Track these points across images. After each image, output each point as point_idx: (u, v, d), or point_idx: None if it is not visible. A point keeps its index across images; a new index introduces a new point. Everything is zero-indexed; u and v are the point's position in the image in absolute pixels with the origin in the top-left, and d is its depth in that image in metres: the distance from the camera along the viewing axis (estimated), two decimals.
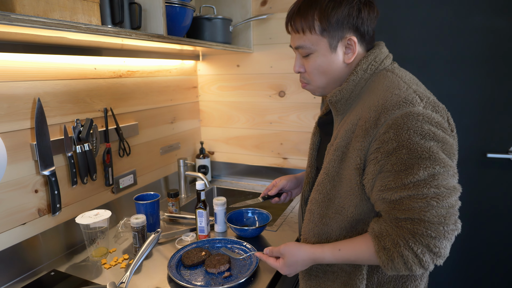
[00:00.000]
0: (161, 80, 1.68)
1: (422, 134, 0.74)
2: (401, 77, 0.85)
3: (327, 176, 0.88)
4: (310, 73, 0.91)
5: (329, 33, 0.85)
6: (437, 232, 0.73)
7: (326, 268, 0.94)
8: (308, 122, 1.75)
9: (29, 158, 1.12)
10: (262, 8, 1.72)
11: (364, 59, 0.88)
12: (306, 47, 0.88)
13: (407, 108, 0.76)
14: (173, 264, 1.13)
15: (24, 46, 1.07)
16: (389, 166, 0.76)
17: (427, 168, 0.73)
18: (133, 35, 1.03)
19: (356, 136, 0.82)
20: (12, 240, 1.09)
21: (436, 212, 0.73)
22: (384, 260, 0.77)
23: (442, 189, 0.73)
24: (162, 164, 1.74)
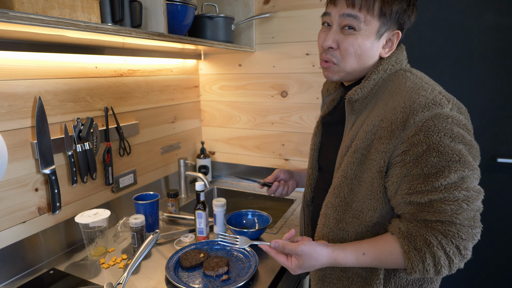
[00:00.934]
0: (162, 79, 1.67)
1: (452, 136, 0.74)
2: (421, 78, 0.84)
3: (345, 179, 0.85)
4: (346, 50, 0.84)
5: (384, 19, 0.81)
6: (467, 234, 0.74)
7: (340, 274, 0.91)
8: (310, 123, 1.73)
9: (29, 157, 1.12)
10: (265, 7, 1.70)
11: (387, 59, 0.87)
12: (357, 19, 0.81)
13: (436, 110, 0.75)
14: (171, 265, 1.13)
15: (25, 44, 1.06)
16: (419, 170, 0.75)
17: (458, 171, 0.73)
18: (133, 33, 1.02)
19: (380, 138, 0.80)
20: (12, 238, 1.09)
21: (467, 215, 0.74)
22: (414, 261, 0.76)
23: (472, 192, 0.74)
24: (163, 163, 1.73)
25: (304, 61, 1.68)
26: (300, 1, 1.63)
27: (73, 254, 1.24)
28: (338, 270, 0.91)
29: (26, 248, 1.13)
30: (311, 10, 1.62)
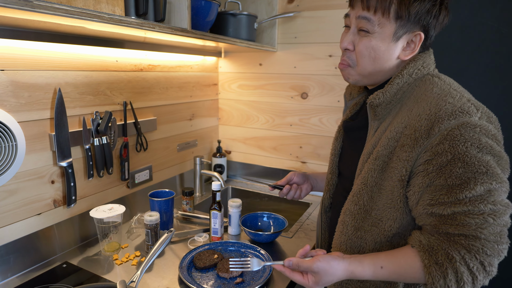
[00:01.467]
0: (182, 76, 1.66)
1: (479, 147, 0.70)
2: (450, 84, 0.80)
3: (365, 186, 0.83)
4: (360, 53, 0.83)
5: (401, 22, 0.78)
6: (493, 250, 0.70)
7: (358, 284, 0.88)
8: (330, 126, 1.69)
9: (47, 149, 1.11)
10: (289, 6, 1.67)
11: (413, 62, 0.82)
12: (371, 21, 0.79)
13: (463, 119, 0.71)
14: (184, 265, 1.10)
15: (47, 34, 1.05)
16: (442, 180, 0.72)
17: (484, 183, 0.69)
18: (156, 27, 1.00)
19: (402, 145, 0.77)
20: (27, 230, 1.09)
21: (493, 230, 0.70)
22: (435, 276, 0.72)
23: (499, 206, 0.70)
24: (179, 161, 1.71)
25: (327, 63, 1.64)
26: (325, 1, 1.59)
27: (87, 248, 1.23)
28: (356, 281, 0.88)
29: (40, 240, 1.12)
30: (336, 10, 1.57)
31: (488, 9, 1.43)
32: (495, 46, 1.45)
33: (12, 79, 1.01)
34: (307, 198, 1.72)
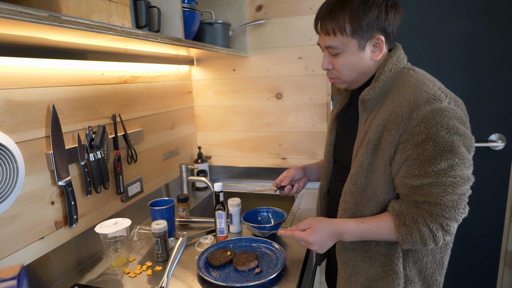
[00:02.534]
0: (161, 86, 1.67)
1: (447, 128, 0.83)
2: (423, 75, 0.94)
3: (361, 168, 0.95)
4: (339, 70, 0.98)
5: (359, 35, 0.91)
6: (450, 213, 0.85)
7: (363, 255, 1.00)
8: (305, 122, 1.82)
9: (45, 169, 1.07)
10: (257, 14, 1.77)
11: (389, 59, 0.95)
12: (336, 48, 0.94)
13: (436, 104, 0.85)
14: (202, 266, 1.13)
15: (37, 50, 1.02)
16: (415, 156, 0.86)
17: (448, 159, 0.83)
18: (158, 38, 1.03)
19: (388, 129, 0.89)
20: (33, 256, 1.03)
21: (451, 198, 0.84)
22: (404, 234, 0.88)
23: (458, 179, 0.84)
24: (165, 170, 1.71)
25: (298, 65, 1.77)
26: (291, 9, 1.71)
27: (93, 267, 1.19)
28: (361, 251, 1.00)
29: (46, 265, 1.07)
30: (302, 17, 1.71)
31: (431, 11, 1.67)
32: (437, 42, 1.69)
33: (7, 98, 0.96)
34: None
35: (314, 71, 1.76)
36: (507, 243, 1.76)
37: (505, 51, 1.61)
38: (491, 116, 1.68)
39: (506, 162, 1.69)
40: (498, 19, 1.59)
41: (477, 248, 1.82)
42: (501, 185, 1.71)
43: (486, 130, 1.69)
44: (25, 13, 0.63)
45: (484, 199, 1.75)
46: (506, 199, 1.72)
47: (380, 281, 0.98)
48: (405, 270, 0.97)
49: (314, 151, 1.85)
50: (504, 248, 1.77)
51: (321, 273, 1.95)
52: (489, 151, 1.70)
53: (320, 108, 1.79)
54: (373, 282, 0.99)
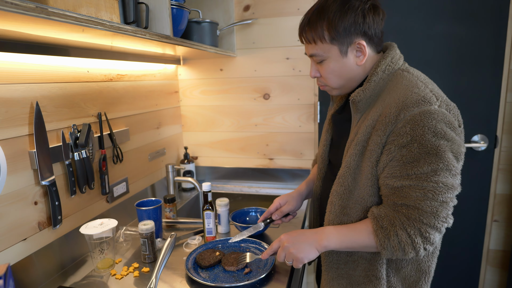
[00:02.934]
0: (147, 85, 1.64)
1: (434, 132, 0.81)
2: (417, 77, 0.91)
3: (349, 169, 0.93)
4: (325, 77, 0.98)
5: (338, 41, 0.90)
6: (428, 220, 0.82)
7: (346, 258, 0.99)
8: (293, 122, 1.82)
9: (27, 168, 1.04)
10: (244, 14, 1.77)
11: (383, 60, 0.94)
12: (318, 55, 0.94)
13: (425, 107, 0.83)
14: (190, 266, 1.12)
15: (20, 45, 0.99)
16: (399, 157, 0.84)
17: (431, 163, 0.81)
18: (147, 35, 1.02)
19: (376, 130, 0.88)
20: (15, 258, 1.00)
21: (430, 203, 0.82)
22: (381, 238, 0.86)
23: (440, 185, 0.82)
24: (151, 170, 1.68)
25: (285, 65, 1.77)
26: (279, 9, 1.72)
27: (78, 269, 1.16)
28: (344, 255, 0.99)
29: (30, 267, 1.04)
30: (289, 17, 1.72)
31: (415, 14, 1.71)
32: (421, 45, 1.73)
33: None
34: (279, 192, 1.83)
35: (301, 72, 1.77)
36: (489, 242, 1.81)
37: (487, 54, 1.66)
38: (474, 117, 1.73)
39: (488, 163, 1.74)
40: (480, 23, 1.64)
41: (460, 247, 1.86)
42: (483, 185, 1.76)
43: (469, 131, 1.74)
44: (11, 3, 0.61)
45: (467, 199, 1.80)
46: (488, 199, 1.77)
47: (362, 285, 0.96)
48: (388, 277, 0.95)
49: (301, 151, 1.86)
50: (486, 246, 1.82)
51: (308, 274, 1.96)
52: (472, 152, 1.75)
53: (308, 109, 1.81)
54: (355, 286, 0.98)
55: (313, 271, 1.94)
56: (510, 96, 1.66)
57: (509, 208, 1.75)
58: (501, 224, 1.77)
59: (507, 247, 1.79)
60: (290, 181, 1.90)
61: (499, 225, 1.78)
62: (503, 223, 1.77)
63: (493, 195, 1.76)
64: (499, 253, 1.81)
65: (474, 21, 1.64)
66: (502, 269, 1.82)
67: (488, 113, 1.71)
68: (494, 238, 1.80)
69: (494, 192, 1.75)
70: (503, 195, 1.74)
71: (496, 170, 1.73)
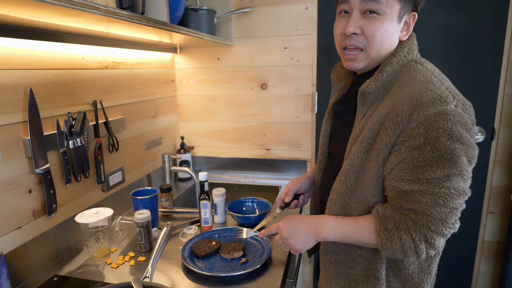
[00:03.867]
0: (143, 73, 1.62)
1: (450, 135, 0.76)
2: (432, 72, 0.85)
3: (352, 167, 0.88)
4: (371, 36, 0.84)
5: (404, 1, 0.83)
6: (436, 226, 0.79)
7: (345, 257, 0.96)
8: (290, 113, 1.81)
9: (22, 155, 1.02)
10: (243, 2, 1.74)
11: (400, 50, 0.87)
12: (380, 3, 0.81)
13: (441, 107, 0.77)
14: (186, 256, 1.12)
15: (13, 29, 0.96)
16: (410, 159, 0.79)
17: (445, 168, 0.77)
18: (143, 21, 1.00)
19: (385, 128, 0.82)
20: (9, 246, 0.99)
21: (440, 210, 0.78)
22: (384, 239, 0.82)
23: (452, 191, 0.77)
24: (147, 160, 1.67)
25: (283, 55, 1.75)
26: None
27: (73, 258, 1.15)
28: (343, 253, 0.96)
29: (24, 256, 1.03)
30: (289, 6, 1.69)
31: None
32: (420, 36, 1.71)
33: None
34: (276, 182, 1.83)
35: (299, 62, 1.75)
36: (484, 234, 1.82)
37: (487, 45, 1.64)
38: None
39: (485, 155, 1.74)
40: (480, 13, 1.62)
41: (455, 238, 1.87)
42: (480, 177, 1.77)
43: None
44: None
45: None
46: (484, 191, 1.77)
47: (360, 285, 0.93)
48: (387, 277, 0.92)
49: (298, 142, 1.85)
50: (481, 238, 1.83)
51: (304, 264, 1.97)
52: None
53: (305, 99, 1.79)
54: (353, 285, 0.95)
55: (309, 262, 1.95)
56: (508, 88, 1.65)
57: (504, 200, 1.76)
58: (496, 216, 1.79)
59: (502, 238, 1.80)
60: (286, 171, 1.89)
61: (494, 217, 1.79)
62: (498, 215, 1.78)
63: (489, 187, 1.76)
64: (494, 244, 1.82)
65: (475, 11, 1.63)
66: (496, 261, 1.84)
67: (487, 105, 1.71)
68: (489, 229, 1.81)
69: (490, 184, 1.76)
70: (499, 187, 1.75)
71: (493, 162, 1.74)
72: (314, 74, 1.75)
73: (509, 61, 1.63)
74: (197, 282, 1.01)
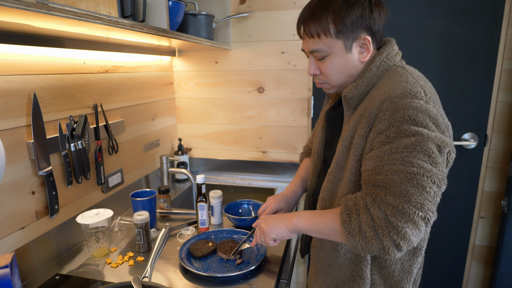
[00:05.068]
0: (143, 76, 1.65)
1: (415, 120, 0.78)
2: (410, 73, 0.89)
3: (337, 165, 0.94)
4: (326, 74, 0.95)
5: (344, 35, 0.88)
6: (395, 201, 0.75)
7: (331, 261, 0.99)
8: (286, 116, 1.85)
9: (25, 158, 1.06)
10: (241, 6, 1.77)
11: (378, 56, 0.91)
12: (321, 51, 0.91)
13: (410, 99, 0.80)
14: (184, 256, 1.15)
15: (18, 37, 1.00)
16: (376, 143, 0.82)
17: (408, 146, 0.77)
18: (144, 29, 1.03)
19: (361, 123, 0.87)
20: (12, 246, 1.02)
21: (400, 186, 0.76)
22: (344, 216, 0.81)
23: (415, 166, 0.75)
24: (145, 161, 1.70)
25: (280, 59, 1.79)
26: (275, 3, 1.73)
27: (74, 257, 1.19)
28: (330, 258, 0.99)
29: (26, 255, 1.06)
30: (286, 11, 1.73)
31: (409, 12, 1.73)
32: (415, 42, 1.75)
33: None
34: (272, 184, 1.86)
35: (296, 66, 1.79)
36: (475, 238, 1.87)
37: (480, 53, 1.68)
38: (464, 116, 1.76)
39: (477, 160, 1.78)
40: (475, 21, 1.66)
41: (446, 241, 1.92)
42: (472, 182, 1.81)
43: (460, 129, 1.78)
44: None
45: (455, 195, 1.84)
46: (476, 196, 1.82)
47: (346, 284, 0.97)
48: (372, 275, 0.95)
49: (294, 145, 1.89)
50: (472, 242, 1.87)
51: (298, 265, 2.01)
52: (462, 149, 1.79)
53: (301, 103, 1.83)
54: (339, 285, 0.99)
55: (302, 263, 1.99)
56: (501, 95, 1.69)
57: (495, 205, 1.80)
58: (487, 221, 1.83)
59: (492, 243, 1.85)
60: (282, 174, 1.93)
61: (485, 221, 1.83)
62: (489, 219, 1.83)
63: (480, 192, 1.81)
64: (484, 248, 1.87)
65: (469, 20, 1.66)
66: (486, 264, 1.89)
67: (479, 112, 1.75)
68: (480, 234, 1.86)
69: (482, 189, 1.80)
70: (491, 193, 1.79)
71: (485, 168, 1.78)
72: (311, 78, 1.78)
73: (502, 69, 1.67)
74: (194, 282, 1.05)
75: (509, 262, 1.73)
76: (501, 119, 1.72)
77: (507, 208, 1.65)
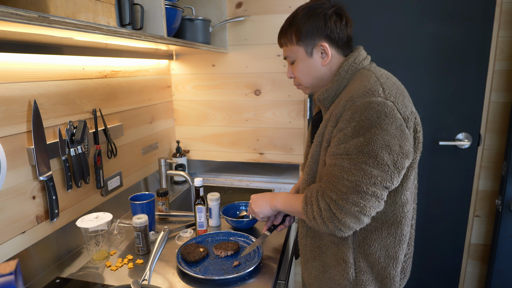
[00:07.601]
0: (141, 80, 1.67)
1: (370, 120, 0.86)
2: (374, 73, 0.98)
3: (312, 159, 1.04)
4: (297, 76, 1.09)
5: (303, 42, 1.02)
6: (337, 196, 0.88)
7: (318, 242, 1.07)
8: (283, 118, 1.87)
9: (26, 164, 1.08)
10: (237, 10, 1.79)
11: (345, 61, 1.01)
12: (289, 56, 1.07)
13: (368, 98, 0.89)
14: (181, 259, 1.17)
15: (19, 45, 1.02)
16: (336, 140, 0.92)
17: (358, 146, 0.87)
18: (142, 37, 1.05)
19: (330, 121, 0.97)
20: (14, 250, 1.04)
21: (343, 182, 0.88)
22: (304, 206, 0.97)
23: (357, 169, 0.86)
24: (144, 164, 1.73)
25: (276, 62, 1.81)
26: (271, 7, 1.75)
27: (74, 260, 1.21)
28: (316, 239, 1.08)
29: (27, 259, 1.08)
30: (282, 15, 1.75)
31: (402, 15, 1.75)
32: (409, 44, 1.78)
33: None
34: (269, 185, 1.89)
35: None
36: (470, 236, 1.89)
37: (472, 54, 1.71)
38: (458, 116, 1.79)
39: (471, 160, 1.81)
40: (466, 24, 1.69)
41: (442, 241, 1.95)
42: (466, 181, 1.84)
43: (454, 129, 1.80)
44: (16, 14, 0.64)
45: (450, 195, 1.87)
46: (471, 195, 1.85)
47: (332, 268, 1.04)
48: (357, 261, 1.01)
49: (291, 146, 1.92)
50: (468, 241, 1.90)
51: (296, 265, 2.04)
52: (456, 149, 1.82)
53: (297, 105, 1.86)
54: (327, 269, 1.06)
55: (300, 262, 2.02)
56: (494, 95, 1.72)
57: (490, 204, 1.83)
58: (483, 220, 1.86)
59: (488, 241, 1.88)
60: (279, 175, 1.96)
61: (481, 220, 1.86)
62: (484, 218, 1.85)
63: (475, 192, 1.84)
64: (480, 247, 1.90)
65: (461, 22, 1.69)
66: (482, 262, 1.92)
67: (473, 112, 1.77)
68: (476, 232, 1.89)
69: (476, 188, 1.83)
70: (485, 192, 1.82)
71: (479, 168, 1.81)
72: None
73: (494, 69, 1.70)
74: (192, 285, 1.07)
75: (504, 260, 1.76)
76: (494, 119, 1.75)
77: (501, 206, 1.68)
